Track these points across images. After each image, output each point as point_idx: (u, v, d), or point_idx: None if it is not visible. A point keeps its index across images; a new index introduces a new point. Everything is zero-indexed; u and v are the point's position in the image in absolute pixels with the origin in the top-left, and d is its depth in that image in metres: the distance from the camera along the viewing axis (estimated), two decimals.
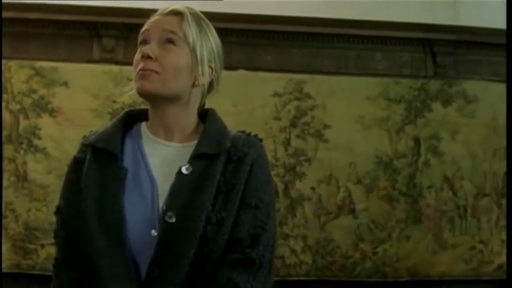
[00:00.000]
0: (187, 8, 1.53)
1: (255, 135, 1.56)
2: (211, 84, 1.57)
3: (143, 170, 1.47)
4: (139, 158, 1.49)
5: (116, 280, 1.36)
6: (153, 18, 1.53)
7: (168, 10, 1.52)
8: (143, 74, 1.47)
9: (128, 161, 1.48)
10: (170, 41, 1.49)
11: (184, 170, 1.44)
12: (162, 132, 1.53)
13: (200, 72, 1.51)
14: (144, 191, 1.44)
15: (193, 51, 1.49)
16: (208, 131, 1.51)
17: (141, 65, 1.47)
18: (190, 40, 1.49)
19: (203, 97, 1.58)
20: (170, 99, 1.50)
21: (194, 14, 1.53)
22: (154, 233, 1.40)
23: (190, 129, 1.54)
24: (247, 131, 1.57)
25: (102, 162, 1.47)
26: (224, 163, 1.46)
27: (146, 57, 1.46)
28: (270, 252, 1.47)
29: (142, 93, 1.49)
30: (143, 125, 1.56)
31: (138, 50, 1.51)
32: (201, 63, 1.51)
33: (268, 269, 1.46)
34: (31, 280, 3.54)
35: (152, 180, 1.46)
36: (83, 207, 1.42)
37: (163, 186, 1.45)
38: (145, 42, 1.50)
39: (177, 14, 1.51)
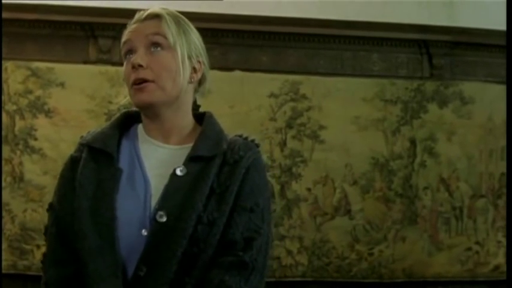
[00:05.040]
0: (163, 9, 1.52)
1: (252, 140, 1.55)
2: (201, 77, 1.57)
3: (138, 170, 1.47)
4: (135, 159, 1.49)
5: (103, 278, 1.37)
6: (132, 26, 1.51)
7: (145, 15, 1.50)
8: (139, 88, 1.46)
9: (124, 162, 1.48)
10: (157, 44, 1.47)
11: (178, 172, 1.44)
12: (159, 135, 1.52)
13: (192, 69, 1.51)
14: (138, 191, 1.44)
15: (179, 50, 1.49)
16: (205, 134, 1.51)
17: (133, 76, 1.46)
18: (173, 40, 1.48)
19: (195, 92, 1.58)
20: (168, 104, 1.49)
21: (171, 14, 1.52)
22: (144, 232, 1.40)
23: (187, 131, 1.54)
24: (245, 135, 1.56)
25: (98, 163, 1.47)
26: (219, 165, 1.46)
27: (137, 66, 1.45)
28: (263, 256, 1.46)
29: (143, 106, 1.49)
30: (140, 126, 1.56)
31: (125, 61, 1.50)
32: (191, 60, 1.51)
33: (261, 273, 1.45)
34: (27, 281, 3.54)
35: (146, 181, 1.46)
36: (76, 204, 1.42)
37: (158, 187, 1.44)
38: (130, 52, 1.49)
39: (155, 17, 1.50)
